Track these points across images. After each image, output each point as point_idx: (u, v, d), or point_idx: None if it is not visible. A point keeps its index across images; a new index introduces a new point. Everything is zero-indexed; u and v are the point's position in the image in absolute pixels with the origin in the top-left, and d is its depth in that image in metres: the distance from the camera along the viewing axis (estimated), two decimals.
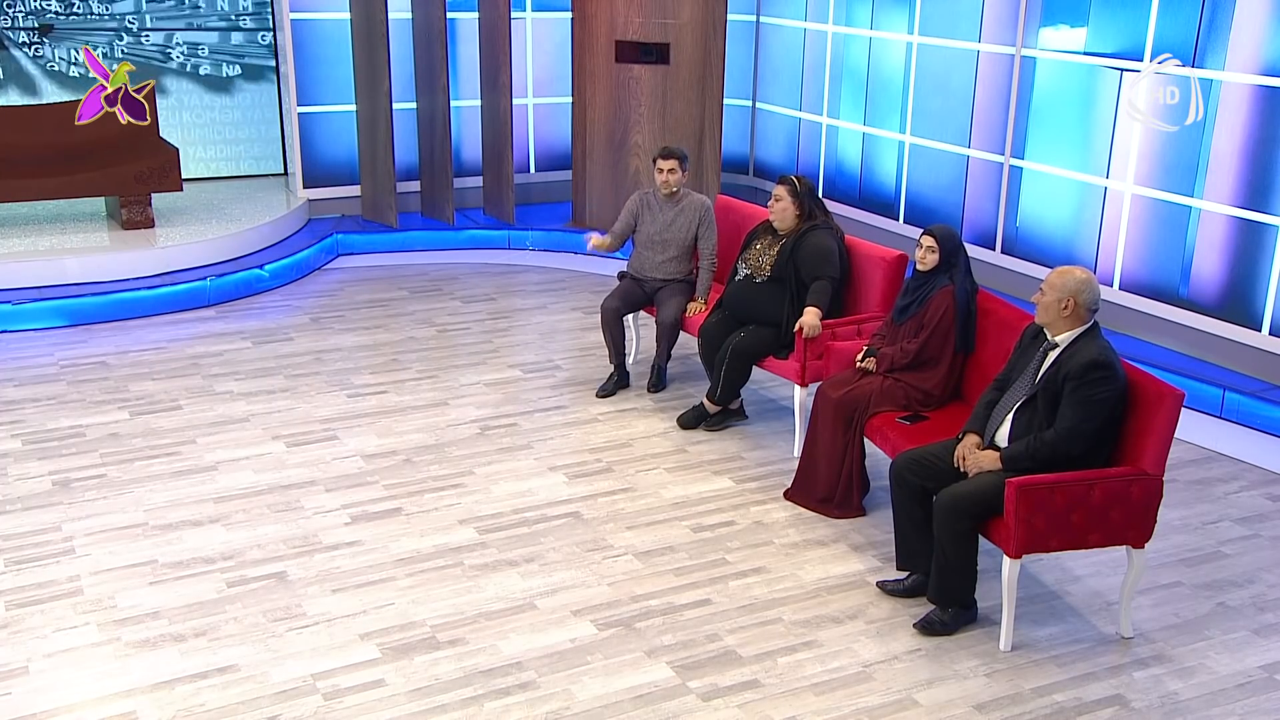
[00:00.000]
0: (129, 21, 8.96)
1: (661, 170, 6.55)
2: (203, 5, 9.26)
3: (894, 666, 4.23)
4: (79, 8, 8.80)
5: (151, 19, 8.99)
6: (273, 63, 9.15)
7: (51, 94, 9.17)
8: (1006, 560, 4.23)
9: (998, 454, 4.34)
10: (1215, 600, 4.72)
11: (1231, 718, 4.02)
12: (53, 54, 8.83)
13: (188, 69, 9.37)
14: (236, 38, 9.38)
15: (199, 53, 9.34)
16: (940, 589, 4.40)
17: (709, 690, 4.07)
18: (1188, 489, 5.66)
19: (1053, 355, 4.33)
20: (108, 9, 8.77)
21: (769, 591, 4.69)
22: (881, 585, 4.70)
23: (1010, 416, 4.41)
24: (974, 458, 4.38)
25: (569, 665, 4.19)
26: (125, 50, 9.06)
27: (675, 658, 4.24)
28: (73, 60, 8.84)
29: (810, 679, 4.15)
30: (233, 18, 9.32)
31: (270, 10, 9.67)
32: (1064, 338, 4.32)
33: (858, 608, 4.59)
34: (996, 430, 4.45)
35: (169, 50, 9.24)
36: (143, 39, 9.05)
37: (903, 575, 4.69)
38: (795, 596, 4.66)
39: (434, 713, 3.93)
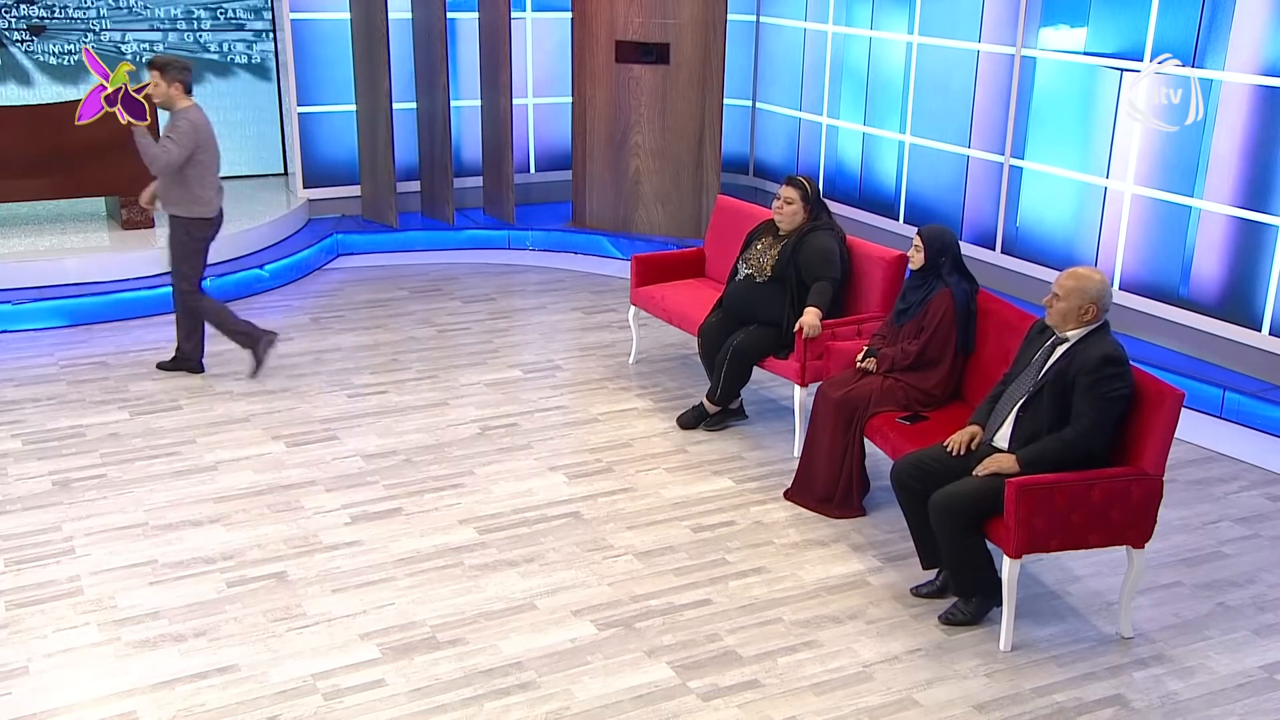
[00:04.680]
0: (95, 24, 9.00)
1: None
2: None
3: (894, 666, 4.23)
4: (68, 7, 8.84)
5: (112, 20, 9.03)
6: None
7: (45, 87, 9.14)
8: (1006, 560, 4.23)
9: (1014, 457, 4.31)
10: (1215, 600, 4.72)
11: (1231, 718, 4.02)
12: (48, 49, 8.83)
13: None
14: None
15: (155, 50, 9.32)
16: (959, 583, 4.43)
17: (709, 690, 4.07)
18: (1188, 489, 5.66)
19: (1061, 349, 4.30)
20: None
21: (769, 591, 4.69)
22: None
23: (1014, 413, 4.39)
24: (992, 460, 4.34)
25: (569, 665, 4.19)
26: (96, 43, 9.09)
27: (675, 658, 4.24)
28: (65, 53, 8.85)
29: (810, 679, 4.15)
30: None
31: (270, 10, 9.67)
32: (1075, 334, 4.30)
33: (858, 608, 4.59)
34: (998, 428, 4.44)
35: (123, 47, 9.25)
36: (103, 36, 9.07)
37: (931, 575, 4.69)
38: (795, 596, 4.66)
39: (434, 713, 3.93)
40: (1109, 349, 4.21)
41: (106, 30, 9.19)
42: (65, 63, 9.10)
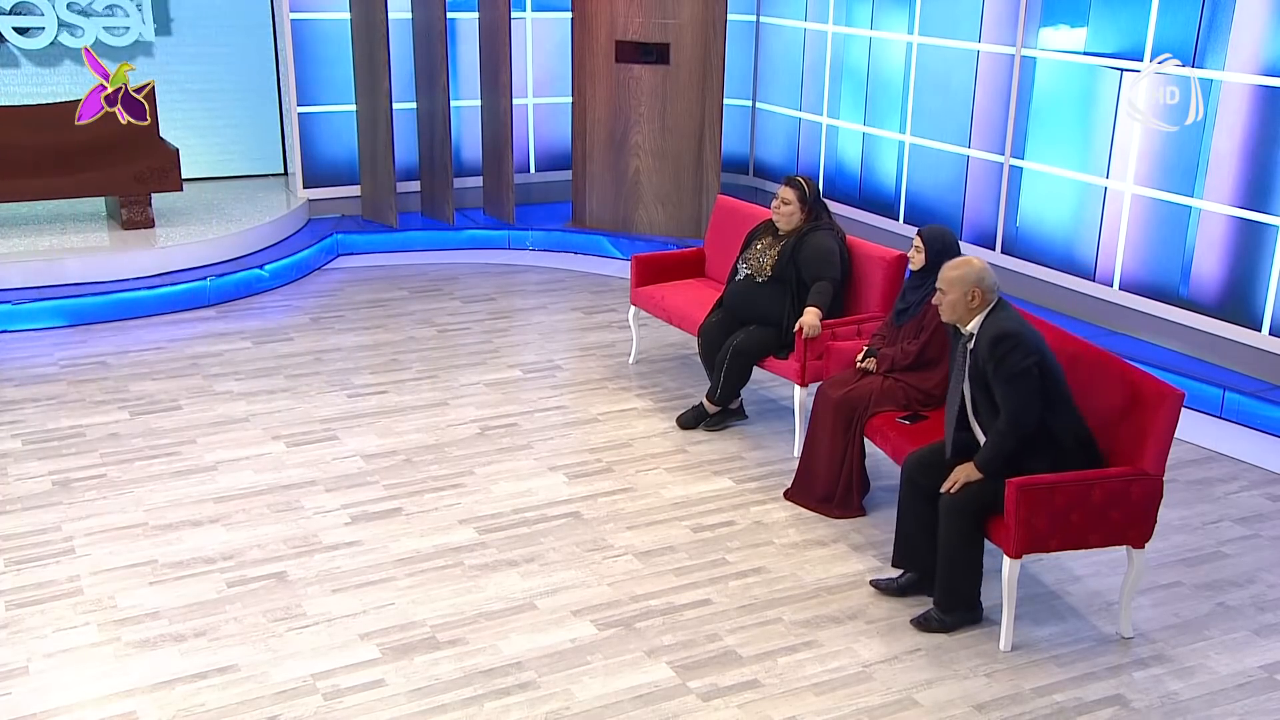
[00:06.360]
0: None
1: None
2: None
3: (894, 666, 4.23)
4: None
5: None
6: None
7: (30, 71, 9.11)
8: (1006, 560, 4.23)
9: (972, 464, 4.33)
10: (1215, 600, 4.72)
11: (1231, 718, 4.02)
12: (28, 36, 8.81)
13: None
14: None
15: None
16: (945, 589, 4.40)
17: (709, 690, 4.07)
18: (1188, 489, 5.66)
19: (970, 348, 4.33)
20: None
21: (769, 591, 4.69)
22: (875, 584, 4.70)
23: (974, 423, 4.40)
24: (959, 471, 4.35)
25: (569, 665, 4.19)
26: None
27: (675, 658, 4.24)
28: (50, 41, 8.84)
29: (810, 679, 4.15)
30: None
31: (270, 10, 9.68)
32: (973, 325, 4.30)
33: (858, 608, 4.59)
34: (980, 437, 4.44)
35: None
36: None
37: (896, 574, 4.69)
38: (795, 596, 4.66)
39: (434, 713, 3.93)
40: (996, 329, 4.20)
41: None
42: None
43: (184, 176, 8.71)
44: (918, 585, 4.60)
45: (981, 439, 4.39)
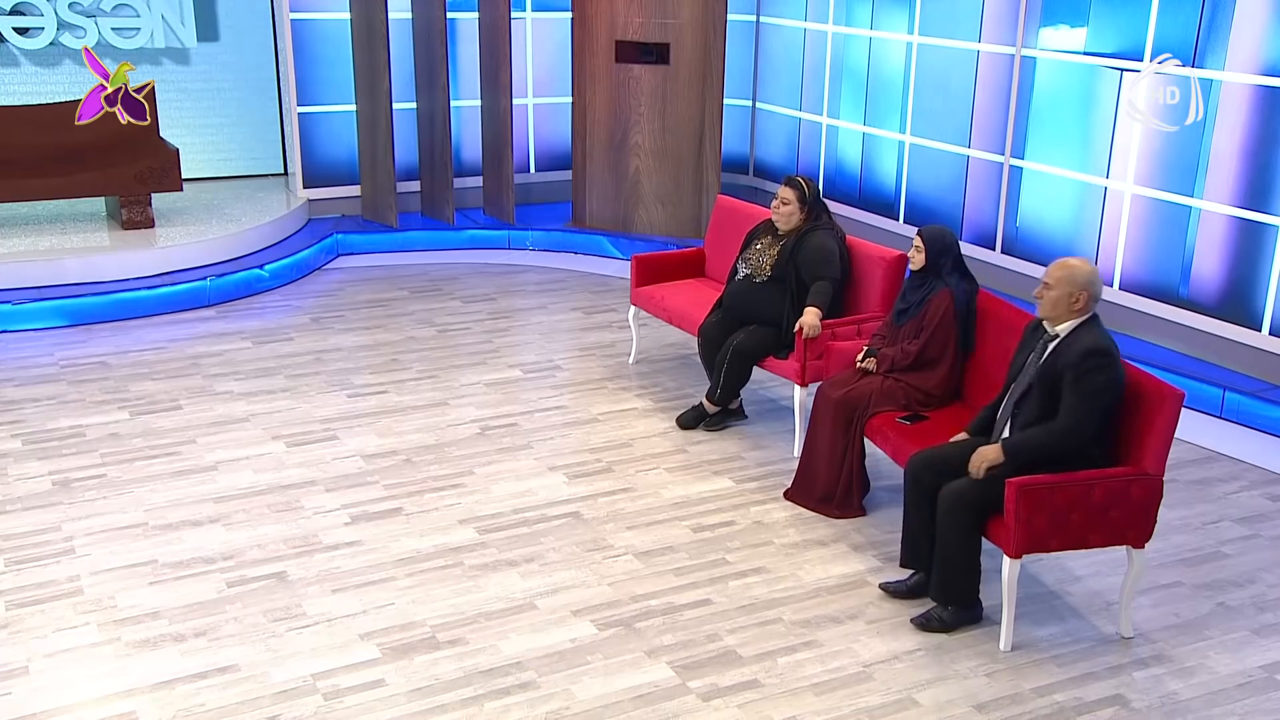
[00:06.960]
0: None
1: None
2: None
3: (894, 666, 4.23)
4: None
5: None
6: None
7: (31, 72, 9.11)
8: (1006, 560, 4.23)
9: (999, 446, 4.32)
10: (1215, 600, 4.72)
11: (1231, 718, 4.02)
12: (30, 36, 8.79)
13: None
14: None
15: None
16: (942, 585, 4.40)
17: (709, 690, 4.07)
18: (1188, 489, 5.66)
19: (1052, 345, 4.32)
20: None
21: (769, 591, 4.69)
22: (884, 586, 4.70)
23: (1011, 409, 4.40)
24: (977, 455, 4.35)
25: (569, 665, 4.19)
26: None
27: (675, 658, 4.24)
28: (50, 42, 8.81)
29: (810, 679, 4.15)
30: None
31: (270, 10, 9.68)
32: (1065, 328, 4.30)
33: (858, 608, 4.59)
34: (1003, 429, 4.43)
35: None
36: None
37: (905, 575, 4.69)
38: (795, 596, 4.66)
39: (434, 713, 3.93)
40: (1094, 341, 4.20)
41: None
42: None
43: (184, 176, 8.71)
44: (927, 586, 4.59)
45: (1005, 432, 4.38)
